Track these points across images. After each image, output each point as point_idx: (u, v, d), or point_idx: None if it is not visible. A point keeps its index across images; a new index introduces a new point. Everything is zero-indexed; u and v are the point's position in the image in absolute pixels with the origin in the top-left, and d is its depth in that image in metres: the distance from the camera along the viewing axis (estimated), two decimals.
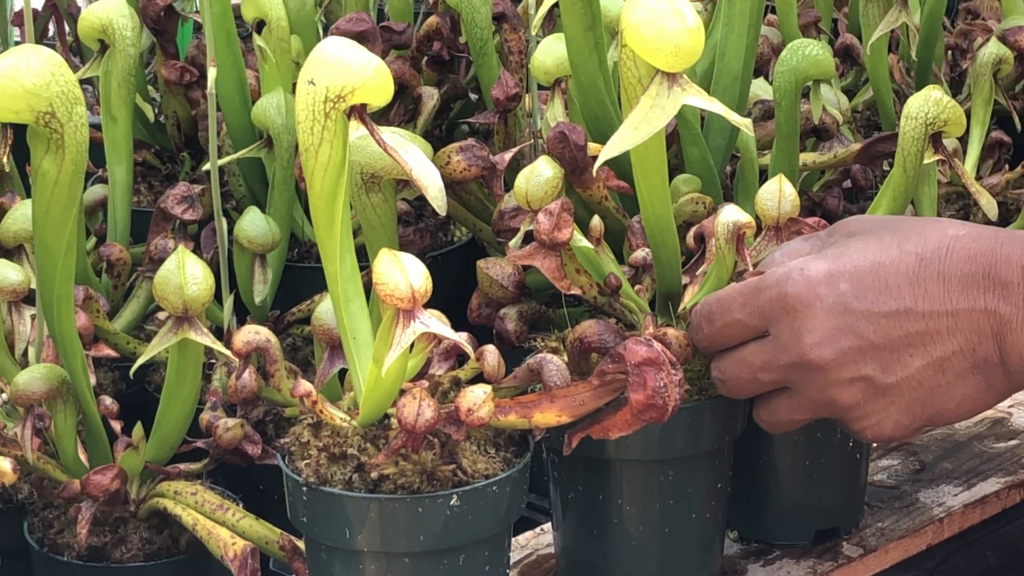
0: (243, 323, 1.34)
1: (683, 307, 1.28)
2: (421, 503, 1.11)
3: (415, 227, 1.50)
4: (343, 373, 1.21)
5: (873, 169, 1.56)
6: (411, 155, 1.07)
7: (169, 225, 1.48)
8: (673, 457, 1.27)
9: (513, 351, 1.29)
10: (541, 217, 1.24)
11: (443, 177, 1.12)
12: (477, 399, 1.10)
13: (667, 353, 1.13)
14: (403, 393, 1.10)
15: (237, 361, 1.20)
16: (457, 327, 1.11)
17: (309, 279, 1.51)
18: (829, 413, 1.22)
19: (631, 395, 1.13)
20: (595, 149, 1.29)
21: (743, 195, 1.45)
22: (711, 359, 1.25)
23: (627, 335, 1.20)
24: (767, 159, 1.50)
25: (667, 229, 1.25)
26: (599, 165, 1.15)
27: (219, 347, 1.19)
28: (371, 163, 1.21)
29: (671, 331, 1.24)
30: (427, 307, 1.05)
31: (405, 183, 1.27)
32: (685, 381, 1.15)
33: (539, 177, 1.27)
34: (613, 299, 1.29)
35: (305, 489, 1.14)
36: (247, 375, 1.21)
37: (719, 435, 1.29)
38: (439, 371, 1.21)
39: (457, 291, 1.47)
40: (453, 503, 1.11)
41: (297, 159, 1.43)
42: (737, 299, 1.21)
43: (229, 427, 1.26)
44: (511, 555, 1.23)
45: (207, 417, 1.28)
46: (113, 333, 1.45)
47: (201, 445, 1.27)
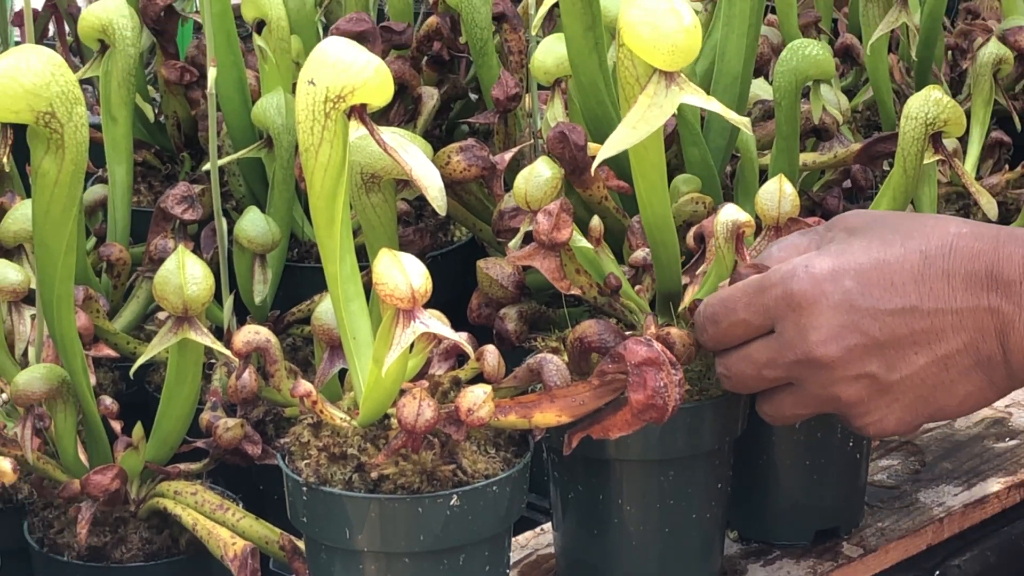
0: (243, 323, 1.34)
1: (683, 307, 1.28)
2: (421, 503, 1.11)
3: (415, 227, 1.50)
4: (343, 373, 1.21)
5: (873, 169, 1.57)
6: (411, 155, 1.07)
7: (169, 225, 1.48)
8: (673, 457, 1.27)
9: (513, 351, 1.29)
10: (540, 217, 1.24)
11: (443, 177, 1.12)
12: (477, 399, 1.10)
13: (667, 353, 1.13)
14: (403, 393, 1.10)
15: (237, 361, 1.20)
16: (457, 327, 1.11)
17: (309, 279, 1.51)
18: (832, 409, 1.23)
19: (631, 395, 1.13)
20: (595, 149, 1.29)
21: (743, 195, 1.45)
22: (714, 356, 1.25)
23: (627, 335, 1.20)
24: (767, 159, 1.50)
25: (666, 229, 1.25)
26: (597, 165, 1.15)
27: (219, 347, 1.19)
28: (371, 163, 1.21)
29: (674, 331, 1.24)
30: (427, 307, 1.05)
31: (405, 183, 1.27)
32: (685, 381, 1.15)
33: (538, 177, 1.27)
34: (613, 299, 1.30)
35: (305, 489, 1.14)
36: (247, 375, 1.21)
37: (719, 435, 1.29)
38: (439, 371, 1.21)
39: (457, 291, 1.47)
40: (453, 503, 1.11)
41: (297, 159, 1.43)
42: (741, 299, 1.21)
43: (229, 427, 1.26)
44: (511, 555, 1.23)
45: (207, 417, 1.28)
46: (113, 333, 1.45)
47: (201, 445, 1.27)
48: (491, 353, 1.19)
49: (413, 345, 1.09)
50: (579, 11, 1.29)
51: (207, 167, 1.39)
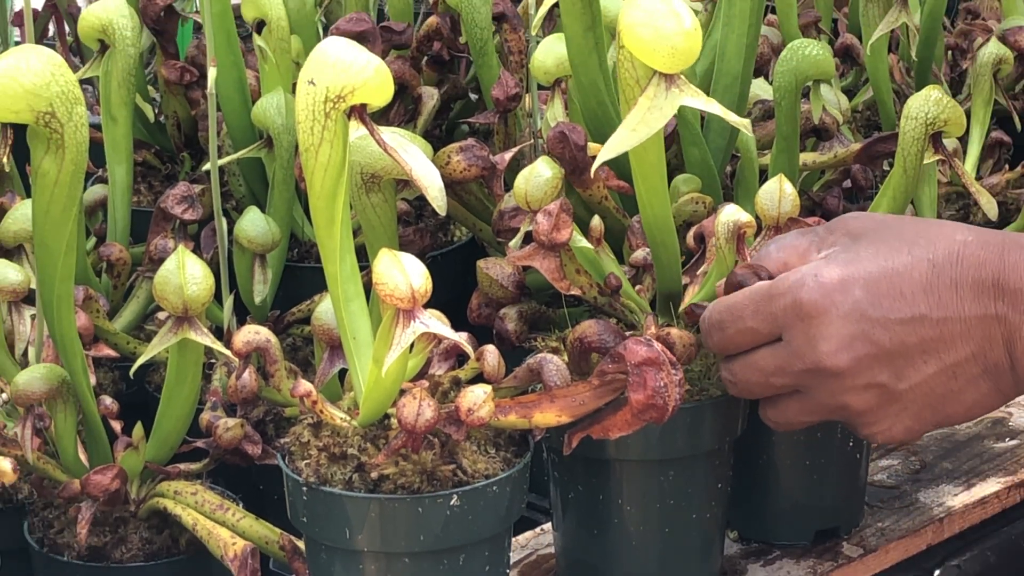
0: (243, 323, 1.34)
1: (683, 307, 1.28)
2: (421, 503, 1.11)
3: (415, 227, 1.50)
4: (343, 373, 1.21)
5: (873, 169, 1.57)
6: (411, 155, 1.07)
7: (169, 225, 1.48)
8: (673, 457, 1.27)
9: (513, 351, 1.29)
10: (540, 218, 1.24)
11: (443, 177, 1.12)
12: (477, 399, 1.10)
13: (667, 353, 1.13)
14: (403, 393, 1.10)
15: (237, 361, 1.20)
16: (457, 327, 1.11)
17: (309, 279, 1.51)
18: (840, 417, 1.23)
19: (631, 395, 1.13)
20: (595, 149, 1.29)
21: (743, 195, 1.45)
22: (718, 359, 1.25)
23: (627, 335, 1.20)
24: (767, 159, 1.50)
25: (666, 229, 1.25)
26: (597, 166, 1.15)
27: (219, 347, 1.19)
28: (371, 163, 1.21)
29: (674, 331, 1.24)
30: (427, 307, 1.05)
31: (405, 183, 1.27)
32: (685, 381, 1.15)
33: (538, 177, 1.27)
34: (613, 299, 1.29)
35: (305, 489, 1.14)
36: (247, 375, 1.21)
37: (719, 435, 1.29)
38: (439, 371, 1.21)
39: (457, 291, 1.47)
40: (453, 503, 1.11)
41: (297, 159, 1.43)
42: (748, 306, 1.21)
43: (229, 427, 1.26)
44: (511, 555, 1.23)
45: (207, 417, 1.28)
46: (113, 333, 1.45)
47: (201, 445, 1.27)
48: (491, 353, 1.19)
49: (413, 345, 1.09)
50: (579, 11, 1.29)
51: (207, 167, 1.39)
